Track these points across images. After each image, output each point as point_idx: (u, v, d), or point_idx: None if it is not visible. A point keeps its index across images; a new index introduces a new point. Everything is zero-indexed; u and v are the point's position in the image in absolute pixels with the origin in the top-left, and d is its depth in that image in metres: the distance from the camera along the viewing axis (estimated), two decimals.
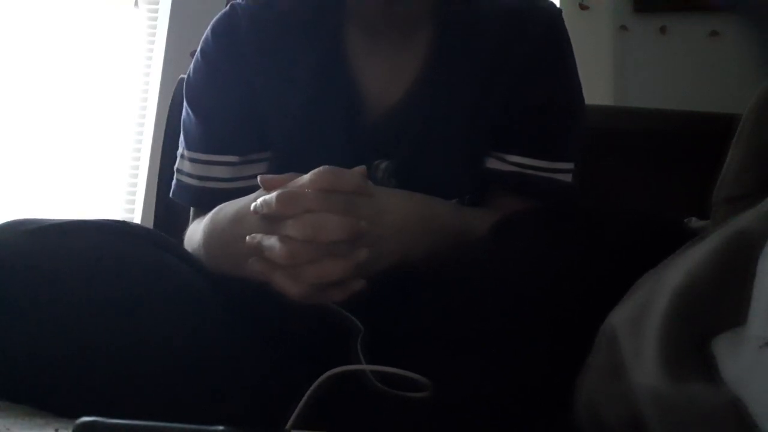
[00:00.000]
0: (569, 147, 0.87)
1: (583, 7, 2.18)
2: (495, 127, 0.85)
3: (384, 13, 0.83)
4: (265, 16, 0.87)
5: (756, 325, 0.45)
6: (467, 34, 0.85)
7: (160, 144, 1.39)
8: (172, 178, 0.91)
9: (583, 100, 0.89)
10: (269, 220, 0.65)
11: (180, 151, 0.90)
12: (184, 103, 0.90)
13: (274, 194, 0.64)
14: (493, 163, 0.86)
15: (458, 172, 0.86)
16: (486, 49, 0.85)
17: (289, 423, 0.59)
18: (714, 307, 0.48)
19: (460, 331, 0.65)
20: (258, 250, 0.65)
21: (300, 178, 0.67)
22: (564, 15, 0.89)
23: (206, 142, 0.87)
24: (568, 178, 0.87)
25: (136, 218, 2.10)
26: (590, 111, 0.92)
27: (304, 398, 0.60)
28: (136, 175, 2.20)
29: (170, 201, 0.92)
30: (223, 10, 0.90)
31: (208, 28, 0.90)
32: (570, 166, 0.87)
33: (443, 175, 0.84)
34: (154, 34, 2.25)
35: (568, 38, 0.88)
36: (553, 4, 0.91)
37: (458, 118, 0.85)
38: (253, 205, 0.67)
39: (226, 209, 0.74)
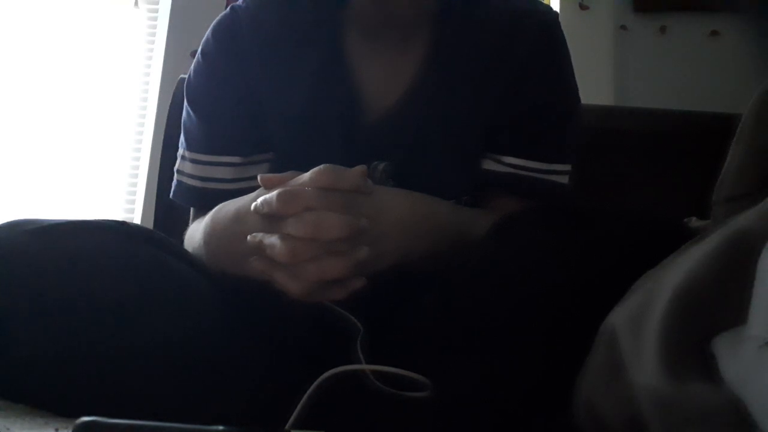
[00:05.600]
0: (565, 149, 0.88)
1: (583, 7, 2.18)
2: (491, 128, 0.86)
3: (383, 16, 0.84)
4: (266, 17, 0.87)
5: (756, 325, 0.45)
6: (464, 36, 0.85)
7: (160, 144, 1.39)
8: (173, 179, 0.91)
9: (579, 102, 0.90)
10: (270, 218, 0.65)
11: (180, 152, 0.90)
12: (185, 104, 0.90)
13: (274, 193, 0.64)
14: (489, 164, 0.87)
15: (455, 173, 0.86)
16: (482, 51, 0.85)
17: (289, 423, 0.59)
18: (714, 307, 0.47)
19: (460, 331, 0.65)
20: (259, 249, 0.65)
21: (300, 176, 0.68)
22: (564, 15, 0.90)
23: (208, 143, 0.87)
24: (564, 179, 0.87)
25: (136, 218, 2.10)
26: (590, 111, 0.92)
27: (304, 398, 0.60)
28: (136, 175, 2.20)
29: (170, 201, 0.92)
30: (224, 12, 0.90)
31: (209, 29, 0.90)
32: (566, 167, 0.87)
33: (441, 175, 0.84)
34: (154, 34, 2.25)
35: (564, 41, 0.88)
36: (549, 8, 0.92)
37: (455, 119, 0.85)
38: (253, 204, 0.67)
39: (227, 208, 0.74)
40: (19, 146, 2.16)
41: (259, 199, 0.66)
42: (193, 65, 0.91)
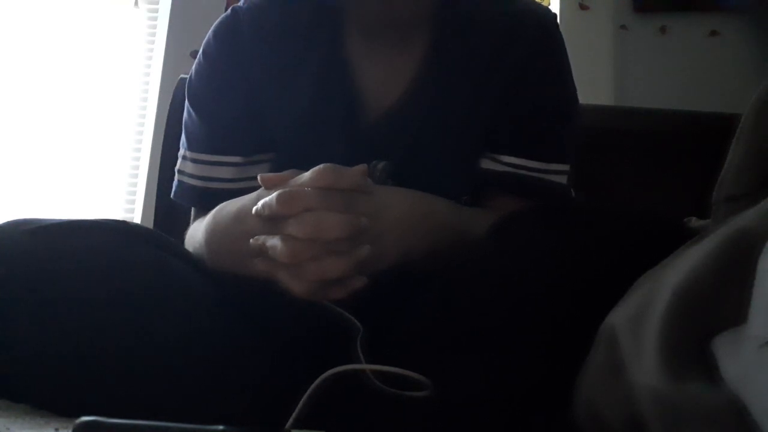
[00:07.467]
0: (564, 149, 0.88)
1: (583, 7, 2.18)
2: (490, 128, 0.86)
3: (383, 16, 0.84)
4: (266, 18, 0.87)
5: (756, 325, 0.45)
6: (463, 36, 0.86)
7: (160, 144, 1.39)
8: (173, 179, 0.91)
9: (577, 102, 0.90)
10: (271, 219, 0.65)
11: (181, 152, 0.90)
12: (186, 104, 0.90)
13: (274, 195, 0.64)
14: (488, 164, 0.87)
15: (454, 172, 0.86)
16: (481, 51, 0.85)
17: (289, 423, 0.59)
18: (714, 307, 0.47)
19: (460, 331, 0.65)
20: (262, 250, 0.65)
21: (300, 176, 0.68)
22: (564, 15, 0.90)
23: (209, 142, 0.88)
24: (562, 179, 0.87)
25: (136, 218, 2.10)
26: (590, 111, 0.92)
27: (304, 398, 0.60)
28: (136, 175, 2.20)
29: (170, 201, 0.92)
30: (225, 13, 0.90)
31: (211, 30, 0.90)
32: (564, 167, 0.88)
33: (440, 175, 0.84)
34: (154, 34, 2.25)
35: (562, 42, 0.88)
36: (548, 9, 0.93)
37: (454, 119, 0.85)
38: (254, 208, 0.67)
39: (228, 208, 0.75)
40: (20, 146, 2.16)
41: (260, 203, 0.66)
42: (194, 66, 0.91)
